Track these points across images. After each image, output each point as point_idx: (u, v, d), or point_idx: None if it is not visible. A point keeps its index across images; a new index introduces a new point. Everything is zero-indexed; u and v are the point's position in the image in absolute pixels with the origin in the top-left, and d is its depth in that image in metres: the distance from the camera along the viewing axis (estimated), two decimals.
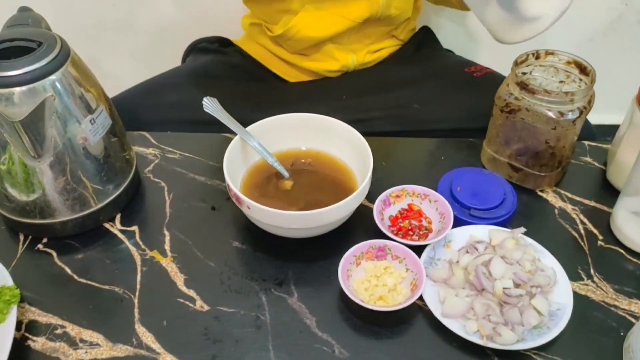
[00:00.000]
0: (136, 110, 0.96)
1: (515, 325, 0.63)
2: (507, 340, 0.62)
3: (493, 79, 0.99)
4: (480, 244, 0.70)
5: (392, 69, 1.06)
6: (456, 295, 0.66)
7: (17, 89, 0.63)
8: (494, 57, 1.17)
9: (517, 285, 0.65)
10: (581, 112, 0.73)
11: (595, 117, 1.13)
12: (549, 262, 0.69)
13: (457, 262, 0.69)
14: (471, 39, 1.47)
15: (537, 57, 0.79)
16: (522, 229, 0.71)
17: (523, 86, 0.73)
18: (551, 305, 0.65)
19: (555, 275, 0.68)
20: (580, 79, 0.78)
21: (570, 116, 0.73)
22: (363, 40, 1.04)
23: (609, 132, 0.86)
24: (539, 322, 0.64)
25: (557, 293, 0.67)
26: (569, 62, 0.78)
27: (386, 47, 1.07)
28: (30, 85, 0.64)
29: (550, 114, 0.73)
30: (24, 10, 0.75)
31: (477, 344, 0.62)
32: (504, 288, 0.65)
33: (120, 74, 1.51)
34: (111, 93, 0.94)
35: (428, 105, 0.98)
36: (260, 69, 1.08)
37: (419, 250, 0.69)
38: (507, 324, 0.63)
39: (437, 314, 0.65)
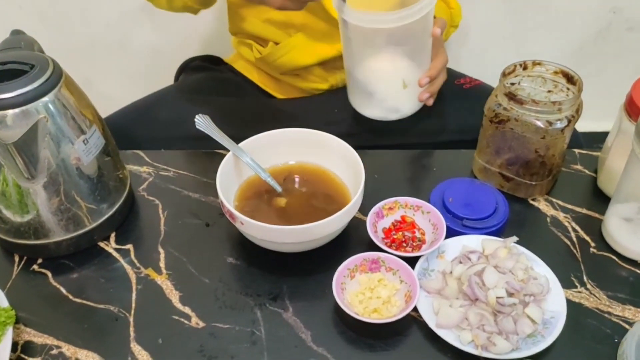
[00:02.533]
0: (129, 129, 0.96)
1: (509, 335, 0.63)
2: (501, 350, 0.62)
3: (482, 91, 1.00)
4: (473, 253, 0.71)
5: None
6: (450, 305, 0.66)
7: (10, 112, 0.64)
8: (482, 69, 1.18)
9: (510, 294, 0.66)
10: (569, 121, 0.74)
11: (586, 125, 1.14)
12: (542, 270, 0.70)
13: (451, 272, 0.70)
14: (459, 51, 1.48)
15: (525, 68, 0.80)
16: (515, 238, 0.72)
17: (511, 97, 0.74)
18: (545, 313, 0.66)
19: (548, 283, 0.68)
20: (568, 88, 0.79)
21: (559, 125, 0.74)
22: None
23: (599, 139, 0.86)
24: (533, 331, 0.64)
25: (551, 301, 0.67)
26: (556, 72, 0.79)
27: None
28: (23, 108, 0.64)
29: (539, 123, 0.74)
30: (16, 33, 0.76)
31: (472, 353, 0.62)
32: (498, 297, 0.65)
33: (113, 94, 1.52)
34: (105, 113, 0.95)
35: (419, 118, 0.98)
36: (251, 85, 1.10)
37: (412, 261, 0.70)
38: (501, 333, 0.63)
39: (432, 324, 0.65)
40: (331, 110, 1.01)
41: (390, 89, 0.86)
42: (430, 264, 0.71)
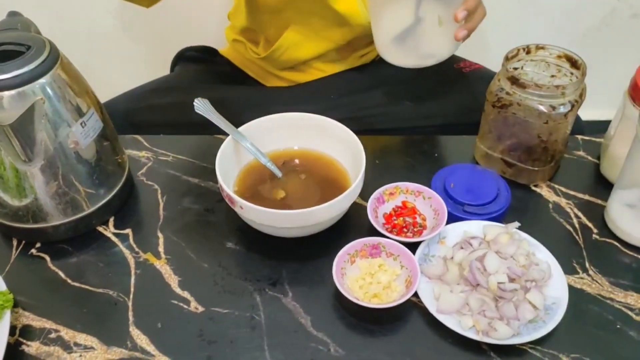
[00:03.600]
0: (127, 115, 0.96)
1: (510, 320, 0.63)
2: (502, 335, 0.62)
3: (482, 74, 0.99)
4: (474, 239, 0.70)
5: (381, 67, 1.06)
6: (451, 291, 0.66)
7: (6, 93, 0.63)
8: (484, 55, 1.17)
9: (511, 280, 0.65)
10: (572, 106, 0.73)
11: (589, 113, 1.13)
12: (544, 256, 0.69)
13: (452, 258, 0.69)
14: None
15: (528, 52, 0.79)
16: (516, 224, 0.71)
17: (514, 81, 0.73)
18: (546, 299, 0.65)
19: (550, 269, 0.67)
20: (572, 73, 0.78)
21: (562, 110, 0.73)
22: (350, 52, 1.04)
23: (602, 128, 0.85)
24: (534, 317, 0.63)
25: (552, 287, 0.66)
26: (559, 56, 0.78)
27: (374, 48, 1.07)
28: (20, 89, 0.64)
29: (542, 108, 0.73)
30: (12, 14, 0.75)
31: (472, 339, 0.62)
32: (499, 283, 0.64)
33: (112, 81, 1.51)
34: (103, 99, 0.94)
35: (419, 101, 0.98)
36: (249, 78, 1.09)
37: (413, 247, 0.69)
38: (502, 319, 0.63)
39: (432, 310, 0.64)
40: (328, 96, 1.00)
41: (425, 29, 0.79)
42: (431, 250, 0.71)
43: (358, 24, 0.95)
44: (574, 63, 0.77)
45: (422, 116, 0.95)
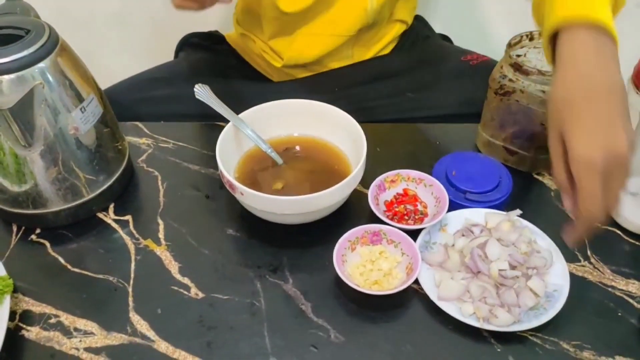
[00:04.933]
0: (128, 103, 0.95)
1: (511, 307, 0.62)
2: (503, 322, 0.61)
3: (489, 67, 0.98)
4: (476, 227, 0.70)
5: (386, 60, 1.05)
6: (452, 278, 0.66)
7: (5, 77, 0.63)
8: (488, 44, 1.16)
9: (513, 267, 0.65)
10: None
11: None
12: (545, 244, 0.69)
13: (453, 245, 0.69)
14: (466, 26, 1.46)
15: (531, 39, 0.78)
16: (518, 211, 0.71)
17: (517, 67, 0.73)
18: (547, 286, 0.65)
19: (551, 257, 0.67)
20: None
21: None
22: (361, 46, 1.03)
23: None
24: (535, 304, 0.63)
25: (554, 274, 0.66)
26: None
27: (386, 34, 1.06)
28: (19, 73, 0.63)
29: (545, 95, 0.72)
30: None
31: (473, 326, 0.62)
32: (500, 270, 0.64)
33: (113, 68, 1.50)
34: (104, 86, 0.93)
35: (423, 92, 0.97)
36: (254, 70, 1.08)
37: (414, 234, 0.69)
38: (503, 306, 0.63)
39: (433, 297, 0.64)
40: (332, 89, 1.00)
41: None
42: (432, 237, 0.71)
43: (363, 9, 0.94)
44: None
45: (426, 107, 0.95)
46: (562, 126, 0.53)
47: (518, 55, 0.79)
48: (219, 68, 1.06)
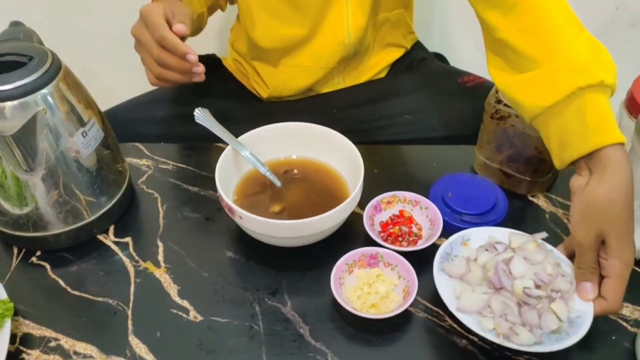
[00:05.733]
0: (128, 123, 0.96)
1: (533, 328, 0.61)
2: (524, 341, 0.60)
3: (485, 88, 1.00)
4: (499, 244, 0.69)
5: (382, 82, 1.06)
6: (473, 291, 0.65)
7: (8, 103, 0.64)
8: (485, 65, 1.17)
9: (537, 287, 0.64)
10: None
11: None
12: (569, 269, 0.67)
13: (475, 259, 0.68)
14: (463, 47, 1.48)
15: None
16: (544, 234, 0.70)
17: None
18: (571, 312, 0.63)
19: (575, 282, 0.65)
20: None
21: None
22: (352, 70, 1.04)
23: None
24: (557, 327, 0.61)
25: (577, 300, 0.64)
26: None
27: (381, 60, 1.07)
28: (22, 100, 0.64)
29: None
30: (15, 24, 0.76)
31: (486, 345, 0.62)
32: (524, 287, 0.63)
33: (115, 86, 1.51)
34: (106, 105, 0.95)
35: (419, 114, 0.98)
36: (251, 94, 1.10)
37: (409, 256, 0.70)
38: (524, 325, 0.61)
39: (452, 308, 0.63)
40: (330, 110, 1.01)
41: None
42: (454, 250, 0.69)
43: (341, 42, 0.95)
44: None
45: (423, 129, 0.96)
46: (609, 234, 0.61)
47: None
48: (217, 90, 1.07)
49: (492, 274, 0.65)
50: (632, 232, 0.62)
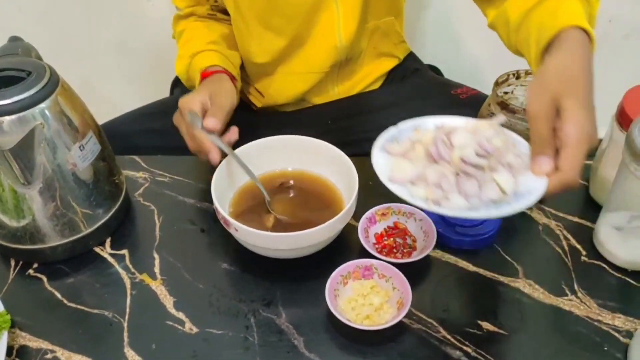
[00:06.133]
0: (125, 135, 0.97)
1: (470, 197, 0.55)
2: (455, 206, 0.54)
3: (479, 100, 1.01)
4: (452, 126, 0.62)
5: (375, 94, 1.07)
6: (410, 164, 0.59)
7: (6, 118, 0.65)
8: (478, 78, 1.19)
9: (481, 157, 0.57)
10: None
11: None
12: (525, 151, 0.60)
13: (420, 139, 0.62)
14: (456, 59, 1.49)
15: (518, 77, 0.81)
16: (503, 118, 0.63)
17: (504, 106, 0.75)
18: (520, 186, 0.56)
19: (529, 161, 0.58)
20: None
21: None
22: (344, 80, 1.05)
23: (596, 147, 0.87)
24: (499, 199, 0.55)
25: (531, 177, 0.57)
26: None
27: (374, 70, 1.08)
28: (20, 114, 0.65)
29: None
30: (14, 39, 0.77)
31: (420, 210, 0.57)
32: (463, 156, 0.57)
33: (112, 97, 1.53)
34: (105, 117, 0.96)
35: None
36: (246, 105, 1.11)
37: (403, 268, 0.70)
38: (460, 194, 0.56)
39: (384, 178, 0.58)
40: (324, 121, 1.02)
41: None
42: (402, 134, 0.63)
43: (333, 46, 0.96)
44: None
45: None
46: (562, 99, 0.57)
47: (505, 93, 0.82)
48: None
49: (431, 146, 0.59)
50: (591, 101, 0.57)
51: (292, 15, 0.93)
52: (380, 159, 0.60)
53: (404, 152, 0.61)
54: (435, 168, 0.57)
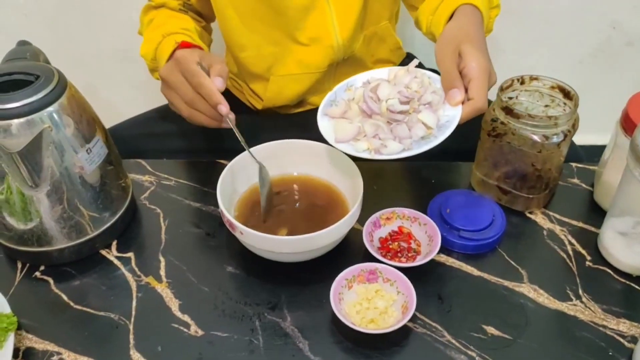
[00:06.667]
0: (131, 139, 0.98)
1: (403, 139, 0.67)
2: (392, 150, 0.66)
3: None
4: (377, 80, 0.74)
5: None
6: (350, 123, 0.71)
7: (15, 121, 0.65)
8: None
9: (404, 104, 0.69)
10: (565, 136, 0.75)
11: (585, 138, 1.15)
12: (439, 85, 0.72)
13: (354, 98, 0.74)
14: None
15: (522, 83, 0.81)
16: (416, 61, 0.77)
17: (508, 111, 0.75)
18: (440, 119, 0.69)
19: (444, 95, 0.71)
20: (565, 103, 0.80)
21: (555, 140, 0.74)
22: (342, 80, 1.05)
23: (599, 152, 0.87)
24: (426, 134, 0.67)
25: (447, 107, 0.69)
26: (552, 87, 0.80)
27: None
28: (28, 117, 0.66)
29: (535, 137, 0.74)
30: (22, 44, 0.78)
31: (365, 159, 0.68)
32: (389, 106, 0.68)
33: (118, 102, 1.53)
34: (110, 122, 0.96)
35: None
36: (248, 108, 1.11)
37: (408, 272, 0.70)
38: (395, 139, 0.68)
39: (331, 141, 0.69)
40: None
41: None
42: (338, 96, 0.75)
43: (329, 45, 0.97)
44: (566, 94, 0.79)
45: None
46: (461, 45, 0.71)
47: (510, 98, 0.82)
48: None
49: (361, 103, 0.70)
50: (484, 48, 0.74)
51: (284, 13, 0.93)
52: (324, 123, 0.71)
53: (342, 113, 0.72)
54: (370, 122, 0.69)
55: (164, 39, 0.86)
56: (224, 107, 0.75)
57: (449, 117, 0.68)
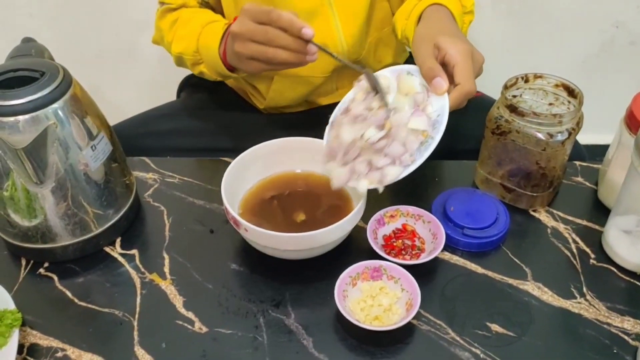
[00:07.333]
0: (135, 137, 0.98)
1: (401, 157, 0.65)
2: (394, 174, 0.64)
3: (482, 102, 1.01)
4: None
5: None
6: (343, 166, 0.68)
7: (20, 117, 0.65)
8: (485, 82, 1.19)
9: (379, 128, 0.66)
10: (570, 134, 0.75)
11: (589, 137, 1.15)
12: (419, 79, 0.71)
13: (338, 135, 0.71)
14: None
15: (527, 81, 0.81)
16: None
17: (512, 109, 0.75)
18: (432, 115, 0.66)
19: (426, 91, 0.69)
20: (569, 101, 0.80)
21: (559, 137, 0.74)
22: (345, 82, 1.05)
23: (603, 152, 0.87)
24: (423, 140, 0.65)
25: (435, 100, 0.67)
26: (557, 85, 0.80)
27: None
28: (33, 114, 0.66)
29: (540, 135, 0.74)
30: (27, 41, 0.78)
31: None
32: (367, 140, 0.65)
33: (121, 102, 1.54)
34: (113, 121, 0.96)
35: None
36: (252, 107, 1.11)
37: (412, 269, 0.70)
38: (394, 162, 0.65)
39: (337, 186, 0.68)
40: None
41: None
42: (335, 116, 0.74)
43: (334, 51, 0.96)
44: (571, 92, 0.79)
45: None
46: (435, 38, 0.72)
47: (514, 96, 0.82)
48: (220, 104, 1.09)
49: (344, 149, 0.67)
50: (461, 34, 0.75)
51: None
52: (331, 168, 0.69)
53: (332, 156, 0.69)
54: (360, 160, 0.67)
55: (204, 29, 0.86)
56: (309, 30, 0.71)
57: (438, 110, 0.66)
